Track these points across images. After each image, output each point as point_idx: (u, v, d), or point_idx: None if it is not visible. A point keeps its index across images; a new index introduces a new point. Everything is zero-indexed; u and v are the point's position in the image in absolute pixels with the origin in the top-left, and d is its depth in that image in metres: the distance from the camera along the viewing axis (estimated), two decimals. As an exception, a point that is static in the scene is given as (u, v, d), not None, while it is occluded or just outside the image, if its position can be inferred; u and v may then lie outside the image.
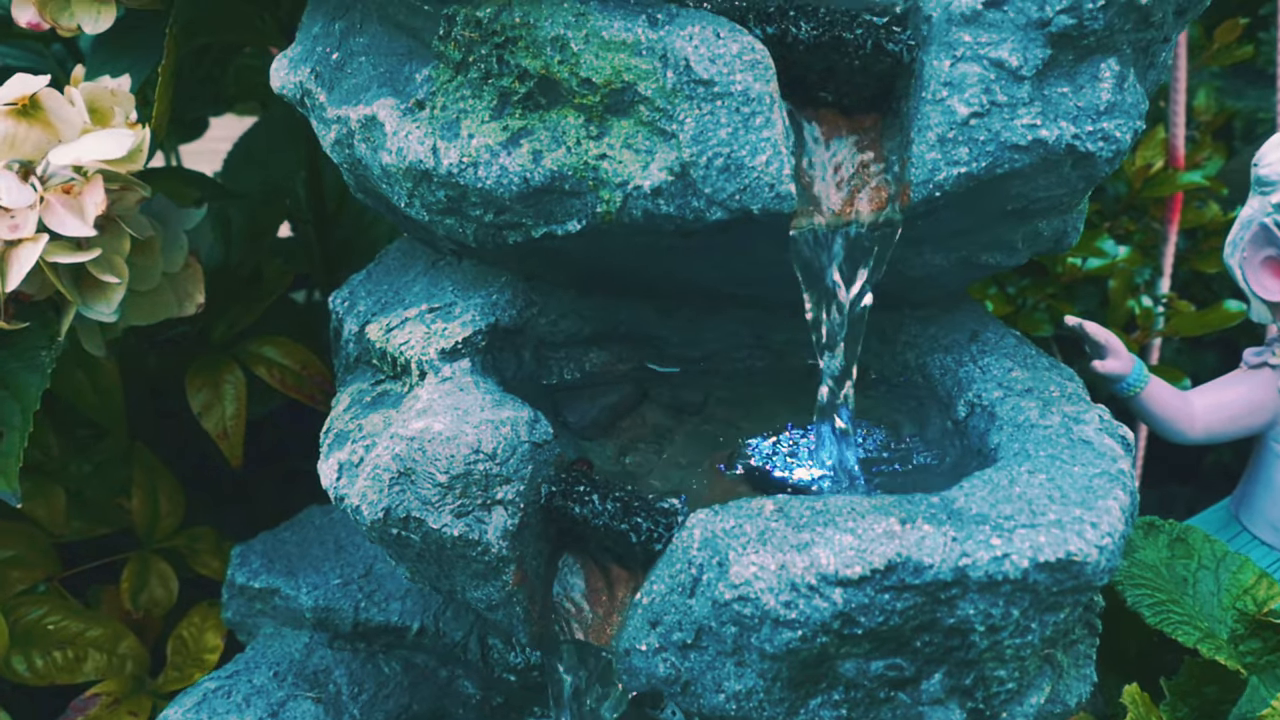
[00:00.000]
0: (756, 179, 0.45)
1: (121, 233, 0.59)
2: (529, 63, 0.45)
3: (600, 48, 0.44)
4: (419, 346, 0.56)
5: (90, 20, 0.61)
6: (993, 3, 0.44)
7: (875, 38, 0.46)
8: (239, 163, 0.96)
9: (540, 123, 0.46)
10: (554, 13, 0.45)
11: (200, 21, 0.68)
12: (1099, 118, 0.46)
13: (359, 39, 0.52)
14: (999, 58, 0.44)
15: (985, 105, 0.45)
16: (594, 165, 0.46)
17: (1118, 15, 0.45)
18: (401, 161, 0.47)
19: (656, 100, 0.44)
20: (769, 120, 0.45)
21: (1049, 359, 0.58)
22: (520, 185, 0.46)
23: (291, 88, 0.53)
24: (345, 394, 0.60)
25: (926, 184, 0.46)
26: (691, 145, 0.45)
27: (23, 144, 0.57)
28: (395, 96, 0.48)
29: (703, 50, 0.44)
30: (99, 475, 0.72)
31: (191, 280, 0.65)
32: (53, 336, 0.58)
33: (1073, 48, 0.45)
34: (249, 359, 0.70)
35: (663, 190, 0.46)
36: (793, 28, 0.46)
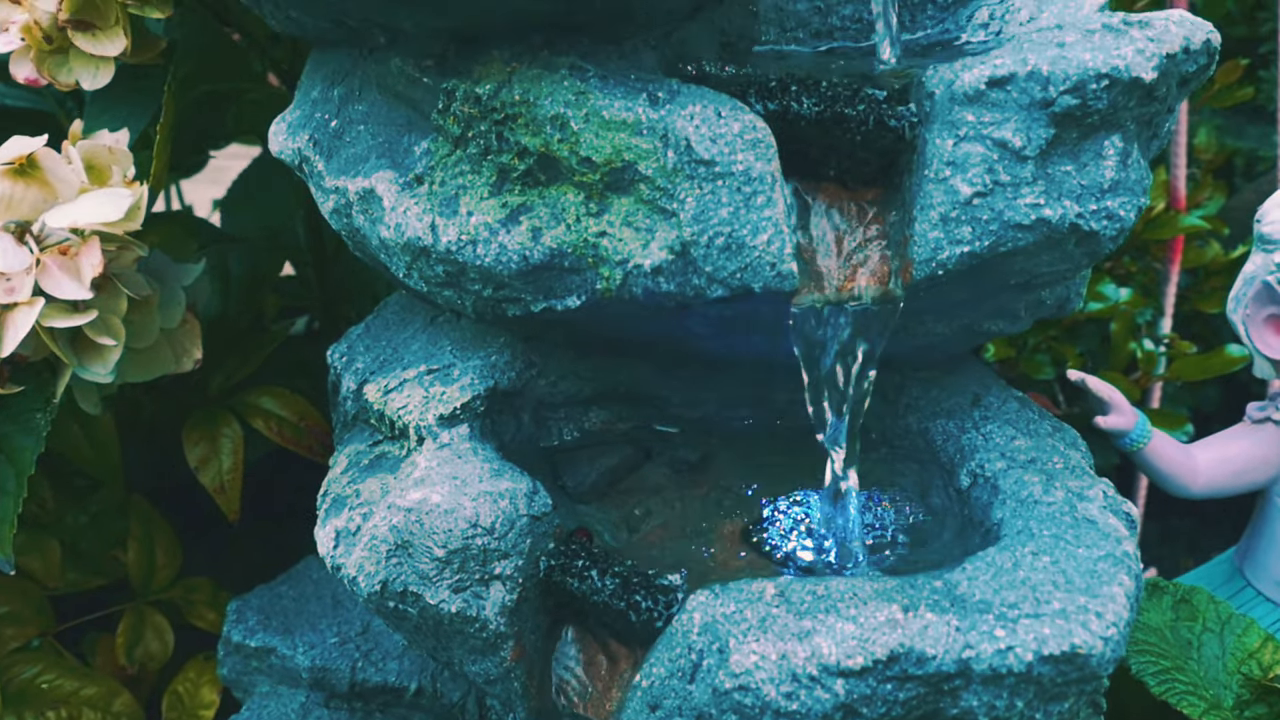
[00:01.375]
0: (758, 258, 0.45)
1: (118, 293, 0.58)
2: (528, 140, 0.45)
3: (600, 127, 0.44)
4: (417, 412, 0.56)
5: (89, 77, 0.61)
6: (996, 82, 0.44)
7: (877, 114, 0.46)
8: (238, 201, 0.95)
9: (540, 199, 0.46)
10: (554, 91, 0.44)
11: (199, 72, 0.68)
12: (1103, 196, 0.45)
13: (358, 106, 0.51)
14: (1002, 138, 0.44)
15: (988, 185, 0.44)
16: (594, 243, 0.45)
17: (1122, 94, 0.44)
18: (400, 237, 0.47)
19: (657, 179, 0.44)
20: (770, 199, 0.44)
21: (1052, 422, 0.58)
22: (519, 263, 0.46)
23: (290, 154, 0.53)
24: (343, 454, 0.60)
25: (929, 262, 0.45)
26: (692, 224, 0.44)
27: (19, 204, 0.57)
28: (394, 169, 0.48)
29: (704, 130, 0.44)
30: (95, 527, 0.72)
31: (189, 336, 0.64)
32: (48, 399, 0.58)
33: (1076, 126, 0.45)
34: (246, 410, 0.70)
35: (663, 269, 0.45)
36: (794, 104, 0.46)
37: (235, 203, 0.95)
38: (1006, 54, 0.45)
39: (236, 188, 0.96)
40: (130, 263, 0.60)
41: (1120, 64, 0.44)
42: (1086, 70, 0.43)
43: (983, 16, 0.61)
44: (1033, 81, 0.44)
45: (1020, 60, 0.44)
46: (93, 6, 0.59)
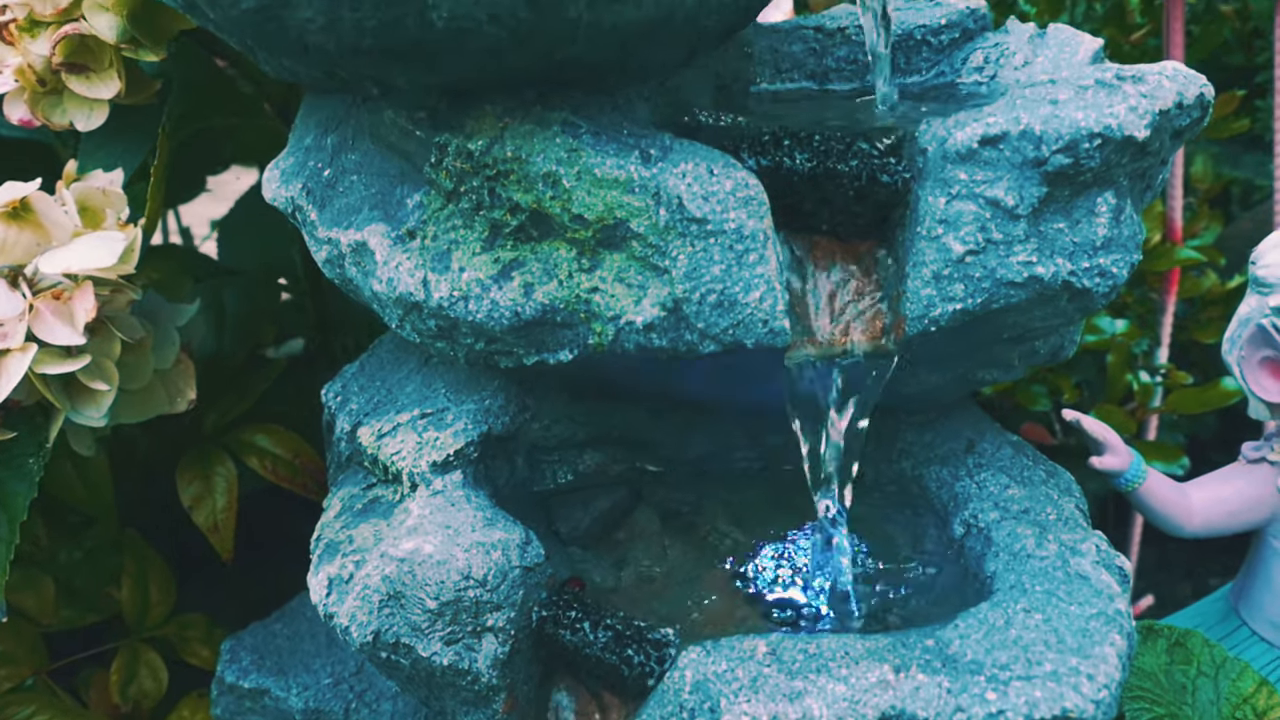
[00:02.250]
0: (750, 315, 0.45)
1: (112, 336, 0.58)
2: (521, 196, 0.45)
3: (592, 184, 0.44)
4: (410, 458, 0.55)
5: (83, 118, 0.61)
6: (988, 141, 0.44)
7: (870, 169, 0.46)
8: (235, 229, 0.95)
9: (532, 254, 0.46)
10: (546, 148, 0.44)
11: (194, 109, 0.68)
12: (1095, 253, 0.45)
13: (351, 155, 0.51)
14: (995, 196, 0.44)
15: (981, 243, 0.44)
16: (586, 298, 0.45)
17: (1114, 152, 0.44)
18: (392, 291, 0.47)
19: (649, 237, 0.44)
20: (763, 257, 0.44)
21: (1046, 466, 0.58)
22: (511, 318, 0.46)
23: (283, 201, 0.53)
24: (336, 498, 0.60)
25: (922, 319, 0.45)
26: (684, 281, 0.44)
27: (13, 248, 0.57)
28: (386, 223, 0.48)
29: (696, 188, 0.44)
30: (88, 563, 0.71)
31: (183, 376, 0.64)
32: (41, 443, 0.58)
33: (1069, 184, 0.45)
34: (241, 448, 0.70)
35: (655, 325, 0.45)
36: (787, 159, 0.46)
37: (232, 231, 0.95)
38: (999, 111, 0.45)
39: (233, 216, 0.96)
40: (124, 305, 0.60)
41: (1113, 123, 0.44)
42: (1079, 129, 0.43)
43: (978, 60, 0.61)
44: (1025, 140, 0.44)
45: (1013, 118, 0.44)
46: (86, 50, 0.59)
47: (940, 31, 0.62)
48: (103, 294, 0.58)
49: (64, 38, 0.57)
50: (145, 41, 0.58)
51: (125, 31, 0.58)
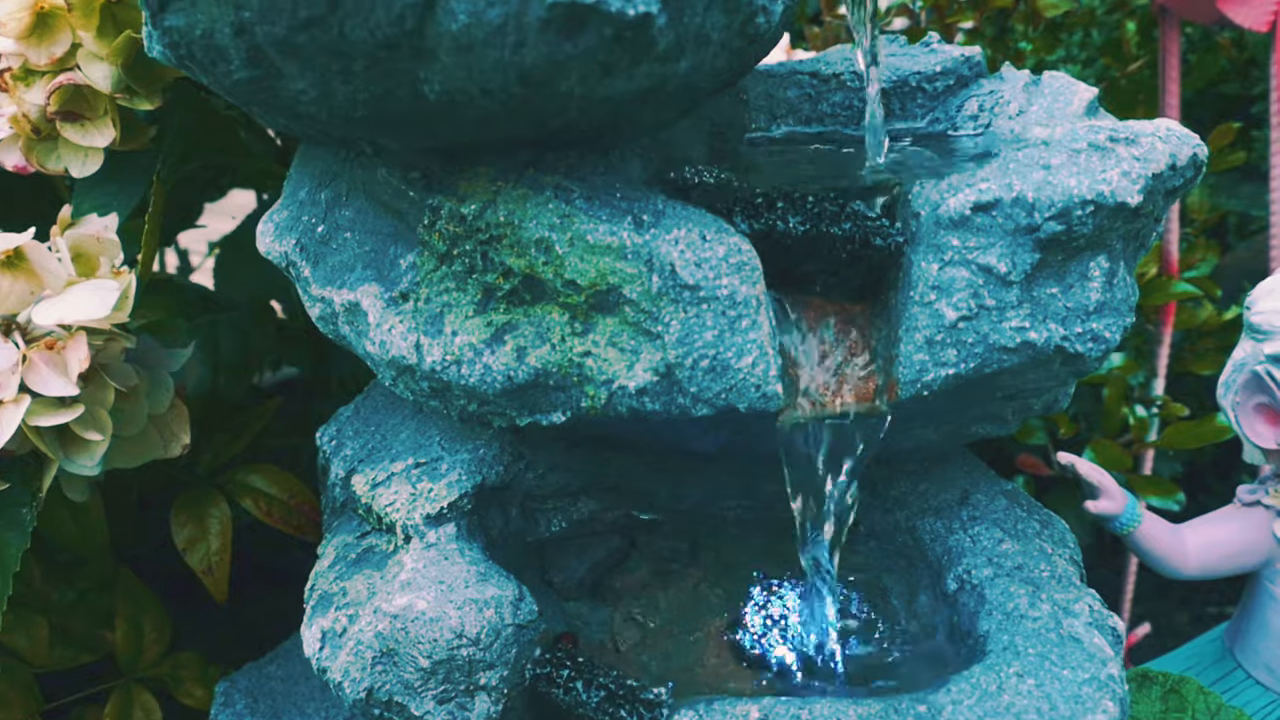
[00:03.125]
0: (743, 380, 0.45)
1: (105, 385, 0.58)
2: (513, 261, 0.45)
3: (585, 251, 0.44)
4: (404, 510, 0.55)
5: (77, 164, 0.61)
6: (981, 207, 0.44)
7: (863, 233, 0.46)
8: (232, 258, 0.95)
9: (524, 317, 0.46)
10: (539, 213, 0.44)
11: (190, 151, 0.68)
12: (1088, 318, 0.45)
13: (344, 212, 0.51)
14: (987, 263, 0.44)
15: (973, 309, 0.44)
16: (578, 362, 0.45)
17: (1107, 218, 0.44)
18: (385, 354, 0.47)
19: (642, 303, 0.44)
20: (755, 322, 0.44)
21: (1040, 516, 0.58)
22: (504, 383, 0.46)
23: (278, 256, 0.53)
24: (330, 546, 0.60)
25: (914, 383, 0.45)
26: (677, 346, 0.44)
27: (6, 298, 0.57)
28: (379, 283, 0.48)
29: (688, 255, 0.44)
30: (82, 603, 0.71)
31: (177, 421, 0.64)
32: (34, 493, 0.58)
33: (1062, 250, 0.45)
34: (236, 489, 0.70)
35: (648, 389, 0.45)
36: (780, 223, 0.46)
37: (228, 261, 0.95)
38: (992, 176, 0.45)
39: (229, 246, 0.96)
40: (118, 353, 0.60)
41: (1105, 189, 0.44)
42: (1071, 197, 0.43)
43: (972, 108, 0.61)
44: (1018, 207, 0.44)
45: (1005, 185, 0.44)
46: (81, 98, 0.59)
47: (935, 79, 0.62)
48: (96, 343, 0.58)
49: (59, 88, 0.57)
50: (140, 90, 0.58)
51: (120, 81, 0.58)
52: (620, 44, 0.37)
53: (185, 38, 0.40)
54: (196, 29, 0.39)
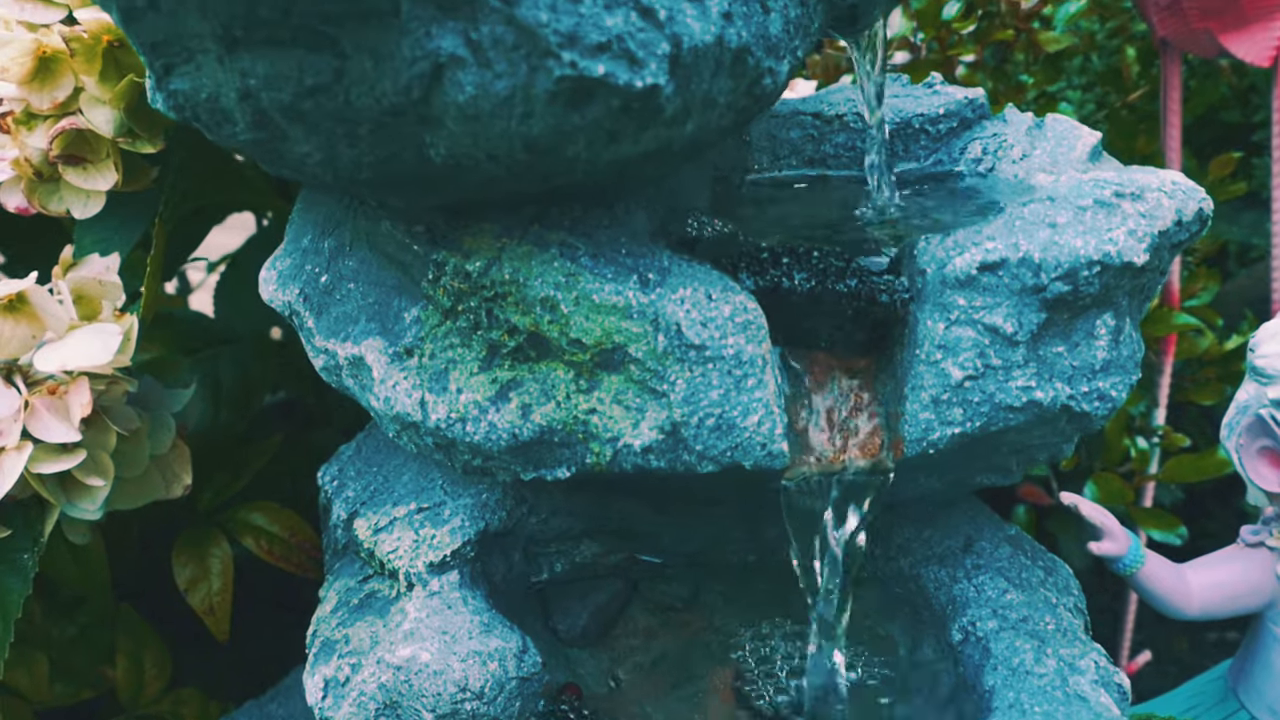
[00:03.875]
0: (748, 438, 0.45)
1: (107, 429, 0.58)
2: (518, 319, 0.45)
3: (591, 310, 0.44)
4: (407, 558, 0.55)
5: (79, 206, 0.61)
6: (988, 267, 0.44)
7: (869, 289, 0.46)
8: (232, 284, 0.95)
9: (529, 374, 0.46)
10: (544, 271, 0.44)
11: (192, 189, 0.67)
12: (1094, 376, 0.45)
13: (348, 262, 0.51)
14: (994, 323, 0.44)
15: (980, 368, 0.44)
16: (583, 420, 0.45)
17: (1114, 277, 0.44)
18: (389, 409, 0.47)
19: (648, 362, 0.44)
20: (761, 381, 0.44)
21: (1044, 562, 0.58)
22: (509, 440, 0.45)
23: (280, 305, 0.53)
24: (333, 590, 0.59)
25: (920, 441, 0.45)
26: (682, 405, 0.44)
27: (8, 343, 0.57)
28: (384, 337, 0.48)
29: (694, 314, 0.43)
30: (83, 639, 0.71)
31: (179, 461, 0.64)
32: (36, 538, 0.57)
33: (1068, 309, 0.45)
34: (237, 527, 0.69)
35: (653, 448, 0.45)
36: (785, 279, 0.46)
37: (228, 286, 0.95)
38: (998, 234, 0.45)
39: (229, 271, 0.95)
40: (119, 396, 0.60)
41: (1112, 249, 0.44)
42: (1078, 257, 0.43)
43: (976, 151, 0.61)
44: (1024, 268, 0.44)
45: (1012, 244, 0.44)
46: (83, 141, 0.58)
47: (938, 120, 0.62)
48: (98, 388, 0.57)
49: (61, 132, 0.57)
50: (143, 133, 0.58)
51: (123, 125, 0.57)
52: (628, 113, 0.37)
53: (190, 101, 0.40)
54: (201, 93, 0.39)
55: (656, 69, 0.36)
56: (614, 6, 0.35)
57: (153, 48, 0.39)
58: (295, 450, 0.85)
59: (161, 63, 0.39)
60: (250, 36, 0.36)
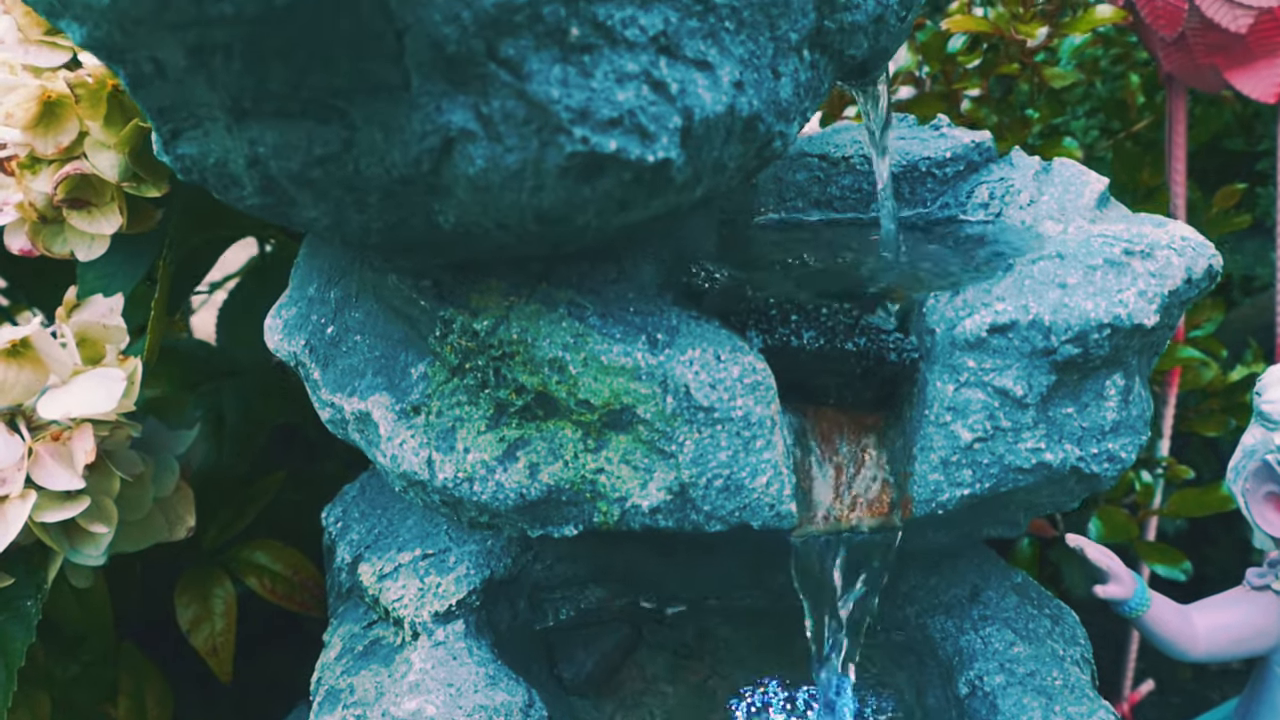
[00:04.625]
0: (757, 499, 0.44)
1: (111, 474, 0.58)
2: (526, 379, 0.44)
3: (599, 371, 0.43)
4: (412, 606, 0.55)
5: (83, 248, 0.61)
6: (997, 329, 0.44)
7: (877, 348, 0.46)
8: (234, 312, 0.95)
9: (537, 433, 0.45)
10: (552, 331, 0.44)
11: (195, 228, 0.67)
12: (1104, 437, 0.45)
13: (354, 313, 0.51)
14: (1004, 386, 0.44)
15: (989, 431, 0.44)
16: (591, 479, 0.45)
17: (1124, 338, 0.44)
18: (396, 467, 0.46)
19: (656, 423, 0.44)
20: (769, 442, 0.44)
21: (1050, 609, 0.58)
22: (517, 499, 0.45)
23: (286, 355, 0.53)
24: (337, 636, 0.59)
25: (929, 502, 0.45)
26: (691, 466, 0.44)
27: (12, 389, 0.56)
28: (390, 393, 0.47)
29: (703, 376, 0.43)
30: (85, 677, 0.71)
31: (183, 503, 0.64)
32: (39, 585, 0.57)
33: (1078, 370, 0.44)
34: (240, 566, 0.69)
35: (661, 508, 0.45)
36: (794, 338, 0.46)
37: (231, 314, 0.95)
38: (1008, 295, 0.45)
39: (233, 301, 0.95)
40: (123, 440, 0.60)
41: (1122, 312, 0.43)
42: (1088, 320, 0.43)
43: (983, 195, 0.61)
44: (1034, 330, 0.43)
45: (1021, 306, 0.44)
46: (88, 185, 0.58)
47: (945, 164, 0.62)
48: (102, 433, 0.57)
49: (66, 177, 0.56)
50: (147, 178, 0.58)
51: (127, 170, 0.57)
52: (639, 184, 0.37)
53: (198, 165, 0.40)
54: (209, 158, 0.39)
55: (668, 142, 0.35)
56: (626, 80, 0.35)
57: (160, 113, 0.39)
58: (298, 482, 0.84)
59: (169, 127, 0.39)
60: (259, 108, 0.35)
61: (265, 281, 0.94)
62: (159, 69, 0.36)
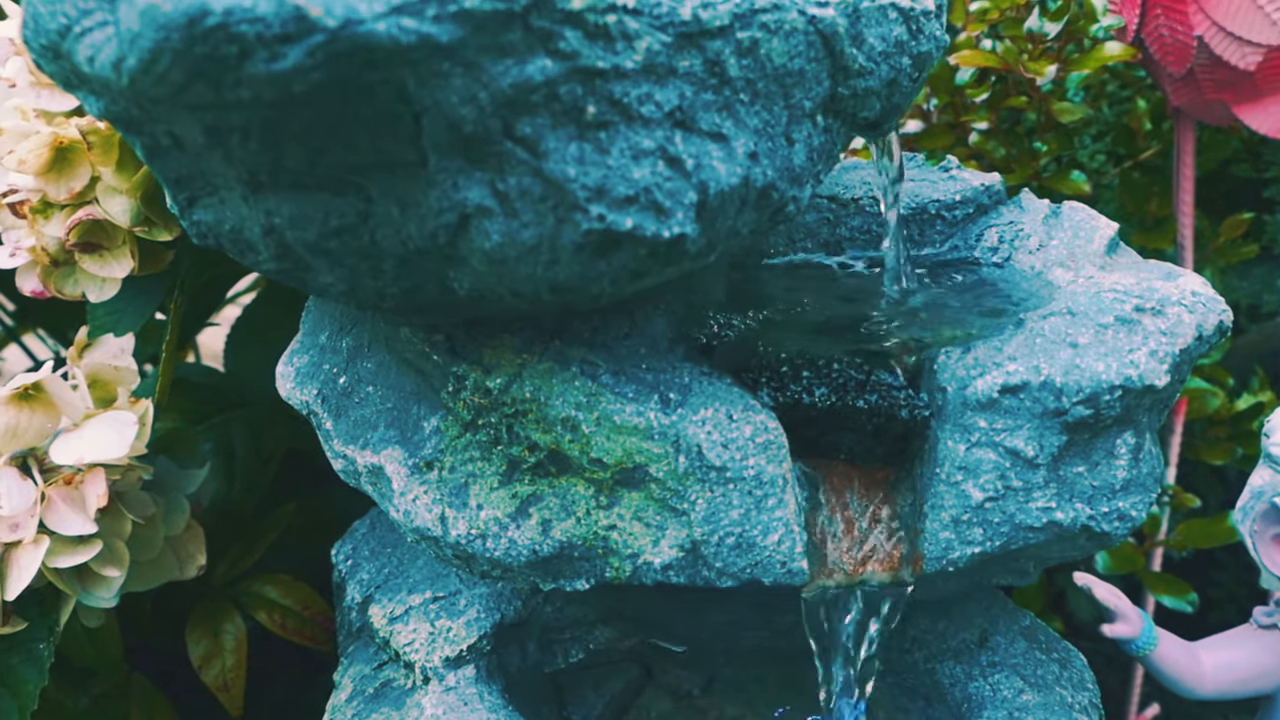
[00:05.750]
0: (769, 557, 0.45)
1: (123, 516, 0.58)
2: (539, 437, 0.45)
3: (612, 431, 0.44)
4: (423, 651, 0.55)
5: (95, 290, 0.61)
6: (1009, 390, 0.44)
7: (889, 405, 0.46)
8: (242, 341, 0.95)
9: (550, 489, 0.46)
10: (565, 390, 0.44)
11: (206, 267, 0.67)
12: (1114, 496, 0.45)
13: (366, 364, 0.51)
14: (1015, 446, 0.44)
15: (1000, 490, 0.44)
16: (603, 535, 0.45)
17: (1135, 399, 0.44)
18: (410, 522, 0.47)
19: (668, 481, 0.44)
20: (781, 501, 0.44)
21: (1059, 655, 0.58)
22: (529, 556, 0.45)
23: (298, 403, 0.53)
24: (347, 676, 0.59)
25: (940, 560, 0.45)
26: (703, 524, 0.44)
27: (25, 433, 0.57)
28: (403, 446, 0.48)
29: (715, 436, 0.43)
30: (96, 710, 0.71)
31: (193, 541, 0.64)
32: (51, 628, 0.57)
33: (1089, 430, 0.45)
34: (250, 601, 0.69)
35: (673, 565, 0.45)
36: (805, 395, 0.46)
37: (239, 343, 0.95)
38: (1019, 354, 0.45)
39: (239, 328, 0.95)
40: (135, 482, 0.60)
41: (1133, 373, 0.44)
42: (1100, 382, 0.43)
43: (992, 239, 0.61)
44: (1046, 391, 0.44)
45: (1033, 367, 0.44)
46: (100, 230, 0.58)
47: (954, 207, 0.62)
48: (114, 477, 0.58)
49: (78, 224, 0.57)
50: (159, 222, 0.58)
51: (139, 215, 0.57)
52: (654, 257, 0.37)
53: (213, 231, 0.40)
54: (225, 225, 0.39)
55: (683, 218, 0.36)
56: (641, 157, 0.35)
57: (176, 181, 0.39)
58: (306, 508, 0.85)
59: (184, 195, 0.39)
60: (276, 181, 0.36)
61: (271, 308, 0.94)
62: (176, 142, 0.36)
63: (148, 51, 0.29)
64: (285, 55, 0.29)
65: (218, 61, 0.29)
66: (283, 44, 0.29)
